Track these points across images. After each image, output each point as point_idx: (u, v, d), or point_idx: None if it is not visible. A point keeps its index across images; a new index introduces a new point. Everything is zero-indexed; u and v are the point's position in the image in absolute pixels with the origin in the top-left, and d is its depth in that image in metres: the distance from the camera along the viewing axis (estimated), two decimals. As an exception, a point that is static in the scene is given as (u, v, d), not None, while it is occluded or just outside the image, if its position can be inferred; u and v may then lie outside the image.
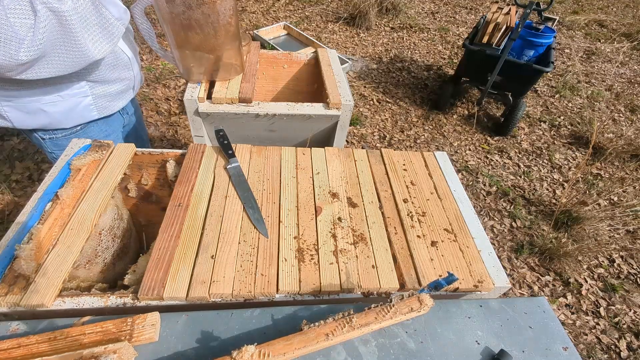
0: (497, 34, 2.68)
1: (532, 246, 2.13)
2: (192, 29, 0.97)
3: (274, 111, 1.09)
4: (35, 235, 0.68)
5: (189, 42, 1.01)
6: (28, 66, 0.74)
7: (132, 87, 1.14)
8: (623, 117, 3.33)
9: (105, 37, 0.85)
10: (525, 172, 2.64)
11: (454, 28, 4.52)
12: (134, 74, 1.11)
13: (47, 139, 1.04)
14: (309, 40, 3.54)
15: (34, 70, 0.77)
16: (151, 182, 1.01)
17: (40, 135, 1.03)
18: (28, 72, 0.76)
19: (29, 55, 0.70)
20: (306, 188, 0.90)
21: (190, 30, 0.97)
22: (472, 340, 0.62)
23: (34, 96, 0.91)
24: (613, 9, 5.78)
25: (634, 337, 1.78)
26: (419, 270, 0.75)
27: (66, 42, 0.77)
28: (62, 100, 0.95)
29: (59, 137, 1.04)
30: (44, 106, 0.93)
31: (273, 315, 0.62)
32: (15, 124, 0.95)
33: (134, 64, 1.11)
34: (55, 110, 0.95)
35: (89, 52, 0.82)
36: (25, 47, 0.69)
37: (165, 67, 3.04)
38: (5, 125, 0.95)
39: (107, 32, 0.85)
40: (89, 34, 0.81)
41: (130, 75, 1.09)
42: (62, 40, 0.77)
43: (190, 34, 0.98)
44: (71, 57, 0.80)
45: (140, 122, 1.37)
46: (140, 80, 1.19)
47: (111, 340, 0.55)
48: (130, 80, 1.11)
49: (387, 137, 2.80)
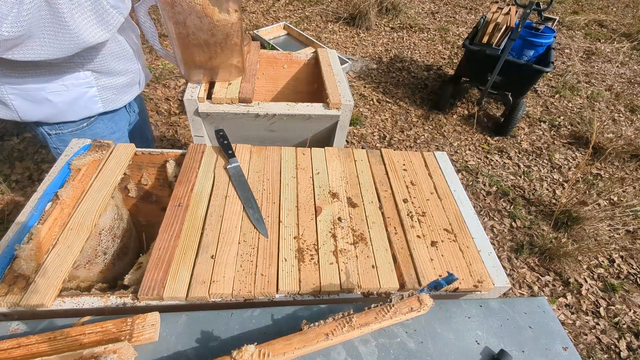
0: (497, 34, 2.68)
1: (532, 246, 2.13)
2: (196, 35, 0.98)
3: (273, 111, 1.09)
4: (35, 235, 0.68)
5: (192, 44, 1.01)
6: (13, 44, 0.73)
7: (138, 82, 1.14)
8: (623, 117, 3.33)
9: (100, 24, 0.83)
10: (525, 172, 2.64)
11: (454, 28, 4.52)
12: (139, 67, 1.11)
13: (53, 134, 1.04)
14: (309, 40, 3.54)
15: (22, 50, 0.75)
16: (151, 182, 1.01)
17: (46, 131, 1.03)
18: (15, 51, 0.74)
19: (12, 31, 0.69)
20: (306, 188, 0.90)
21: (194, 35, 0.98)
22: (472, 340, 0.62)
23: (38, 84, 0.91)
24: (613, 9, 5.78)
25: (634, 337, 1.78)
26: (418, 270, 0.75)
27: (55, 23, 0.76)
28: (67, 90, 0.95)
29: (65, 133, 1.05)
30: (49, 95, 0.94)
31: (273, 315, 0.62)
32: (21, 115, 0.95)
33: (140, 58, 1.11)
34: (60, 100, 0.96)
35: (81, 36, 0.81)
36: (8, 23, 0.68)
37: (165, 67, 3.04)
38: (12, 117, 0.95)
39: (102, 19, 0.83)
40: (82, 18, 0.79)
41: (136, 68, 1.09)
42: (51, 21, 0.76)
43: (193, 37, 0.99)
44: (61, 40, 0.79)
45: (146, 122, 1.37)
46: (146, 77, 1.19)
47: (111, 340, 0.55)
48: (136, 74, 1.11)
49: (387, 137, 2.80)
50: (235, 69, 1.14)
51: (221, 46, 1.03)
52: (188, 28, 0.96)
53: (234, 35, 1.02)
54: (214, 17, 0.95)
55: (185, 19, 0.94)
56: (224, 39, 1.01)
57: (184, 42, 1.00)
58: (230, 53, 1.07)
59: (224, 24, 0.97)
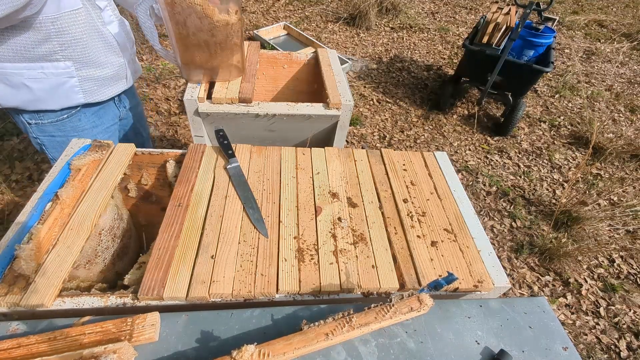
0: (497, 34, 2.68)
1: (532, 246, 2.14)
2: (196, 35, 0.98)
3: (273, 111, 1.09)
4: (35, 235, 0.68)
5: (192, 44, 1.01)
6: None
7: (125, 76, 1.13)
8: (623, 117, 3.33)
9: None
10: (525, 172, 2.64)
11: (454, 28, 4.52)
12: (124, 62, 1.10)
13: (33, 123, 1.04)
14: (309, 40, 3.54)
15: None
16: (151, 182, 1.01)
17: (26, 120, 1.04)
18: None
19: None
20: (306, 188, 0.90)
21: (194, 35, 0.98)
22: (472, 340, 0.62)
23: (17, 69, 0.92)
24: (613, 9, 5.78)
25: (634, 337, 1.78)
26: (418, 270, 0.75)
27: None
28: (46, 78, 0.96)
29: (45, 123, 1.05)
30: (27, 81, 0.94)
31: (273, 315, 0.62)
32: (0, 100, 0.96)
33: (126, 53, 1.10)
34: (39, 87, 0.96)
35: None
36: None
37: (165, 67, 3.04)
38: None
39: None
40: None
41: (121, 62, 1.09)
42: None
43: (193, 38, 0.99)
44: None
45: (141, 119, 1.37)
46: (134, 72, 1.18)
47: (111, 340, 0.55)
48: (121, 68, 1.10)
49: (387, 137, 2.80)
50: (235, 69, 1.14)
51: (221, 46, 1.03)
52: (188, 28, 0.96)
53: (234, 36, 1.02)
54: (214, 17, 0.95)
55: (185, 19, 0.94)
56: (224, 39, 1.01)
57: (184, 42, 1.00)
58: (230, 53, 1.07)
59: (224, 24, 0.98)
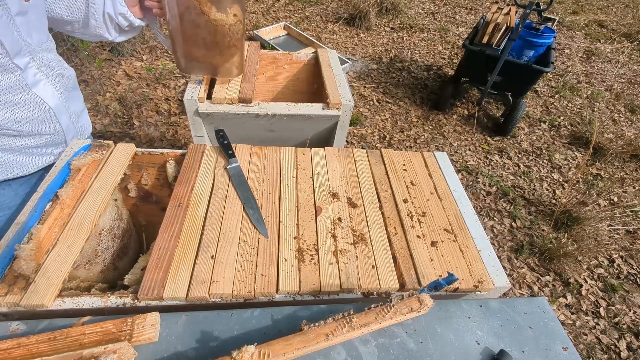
0: (497, 34, 2.68)
1: (532, 246, 2.13)
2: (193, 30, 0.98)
3: (273, 111, 1.09)
4: (35, 235, 0.68)
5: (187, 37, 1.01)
6: None
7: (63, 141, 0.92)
8: (623, 118, 3.33)
9: None
10: (525, 172, 2.64)
11: (454, 28, 4.52)
12: (61, 126, 0.89)
13: None
14: (309, 41, 3.54)
15: None
16: (151, 182, 1.01)
17: None
18: None
19: None
20: (306, 188, 0.90)
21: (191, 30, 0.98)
22: (472, 340, 0.62)
23: None
24: (613, 9, 5.78)
25: (634, 337, 1.78)
26: (419, 271, 0.75)
27: None
28: None
29: None
30: None
31: (273, 316, 0.62)
32: None
33: (62, 114, 0.89)
34: None
35: None
36: None
37: (165, 67, 3.04)
38: None
39: None
40: None
41: (55, 129, 0.88)
42: None
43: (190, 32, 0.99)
44: None
45: None
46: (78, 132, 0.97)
47: (111, 340, 0.55)
48: (55, 135, 0.89)
49: (387, 137, 2.80)
50: (235, 69, 1.14)
51: (219, 46, 1.02)
52: (185, 22, 0.95)
53: (232, 37, 1.01)
54: (210, 15, 0.94)
55: (183, 13, 0.93)
56: (221, 38, 1.00)
57: (180, 35, 0.99)
58: (228, 53, 1.06)
59: (221, 24, 0.97)
